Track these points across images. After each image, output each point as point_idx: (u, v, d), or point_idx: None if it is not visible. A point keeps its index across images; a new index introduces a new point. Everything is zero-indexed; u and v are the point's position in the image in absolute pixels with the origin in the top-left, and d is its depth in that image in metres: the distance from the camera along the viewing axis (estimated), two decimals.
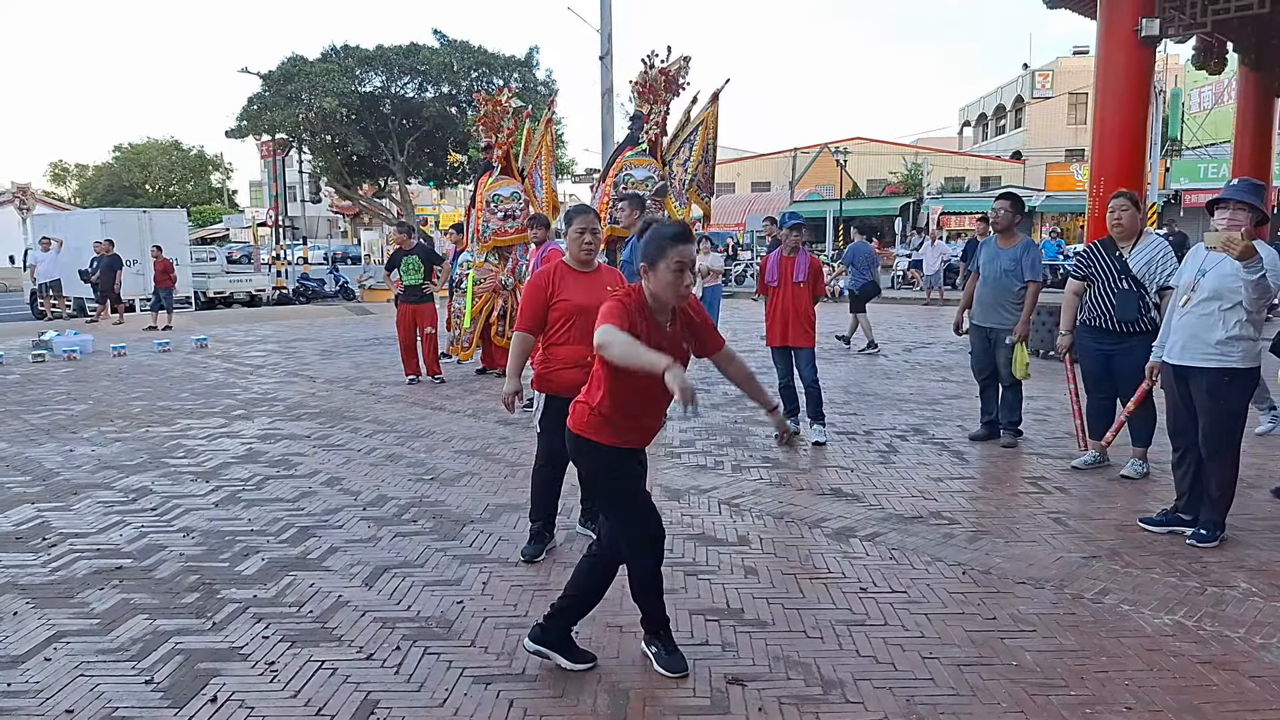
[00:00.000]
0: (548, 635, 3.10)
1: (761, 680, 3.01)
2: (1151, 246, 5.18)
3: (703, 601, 3.63)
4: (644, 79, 8.51)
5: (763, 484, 5.33)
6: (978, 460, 5.89)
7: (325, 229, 54.89)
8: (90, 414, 7.78)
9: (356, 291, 22.38)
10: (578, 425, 2.98)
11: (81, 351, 11.70)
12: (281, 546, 4.33)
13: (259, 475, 5.65)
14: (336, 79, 26.19)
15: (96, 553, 4.27)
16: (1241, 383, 4.10)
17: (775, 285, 6.39)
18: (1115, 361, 5.22)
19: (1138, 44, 9.28)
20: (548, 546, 4.20)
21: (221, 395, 8.64)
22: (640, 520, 3.00)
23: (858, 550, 4.20)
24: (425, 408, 7.86)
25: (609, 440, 2.93)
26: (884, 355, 11.02)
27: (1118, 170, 9.37)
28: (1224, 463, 4.14)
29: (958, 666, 3.08)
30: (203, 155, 63.17)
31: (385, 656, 3.20)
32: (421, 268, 9.14)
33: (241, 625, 3.46)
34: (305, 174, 31.66)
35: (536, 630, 3.12)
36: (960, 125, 52.80)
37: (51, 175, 64.34)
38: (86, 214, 22.82)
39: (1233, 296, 4.00)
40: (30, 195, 24.22)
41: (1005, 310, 6.03)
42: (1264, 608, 3.51)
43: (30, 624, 3.49)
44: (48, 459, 6.15)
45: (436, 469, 5.75)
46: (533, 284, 3.97)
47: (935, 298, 19.10)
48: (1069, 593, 3.67)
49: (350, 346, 12.56)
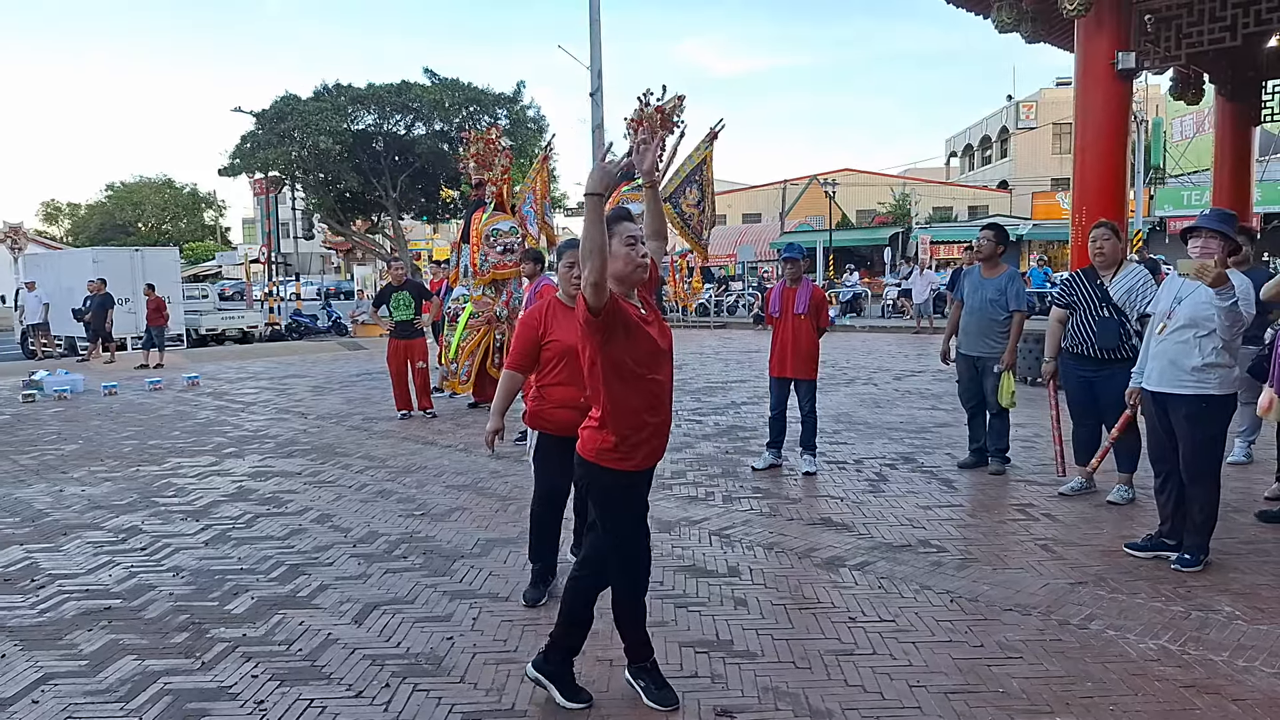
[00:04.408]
0: (549, 665, 3.12)
1: (751, 711, 3.02)
2: (1132, 275, 5.27)
3: (692, 634, 3.64)
4: (640, 116, 8.67)
5: (753, 515, 5.35)
6: (966, 488, 5.93)
7: (318, 265, 55.10)
8: (80, 454, 7.77)
9: (349, 327, 22.41)
10: (587, 451, 2.97)
11: (72, 391, 11.69)
12: (271, 585, 4.33)
13: (249, 513, 5.64)
14: (329, 117, 26.45)
15: (85, 593, 4.25)
16: (1219, 409, 4.17)
17: (777, 316, 6.45)
18: (1097, 388, 5.29)
19: (1115, 76, 9.48)
20: (549, 588, 4.10)
21: (212, 433, 8.64)
22: (635, 544, 3.04)
23: (847, 580, 4.22)
24: (417, 443, 7.87)
25: (618, 465, 2.92)
26: (874, 384, 11.08)
27: (1099, 200, 9.51)
28: (1205, 488, 4.20)
29: (945, 695, 3.09)
30: (196, 193, 63.42)
31: (375, 694, 3.20)
32: (412, 303, 9.20)
33: (231, 664, 3.45)
34: (298, 210, 31.84)
35: (539, 658, 3.15)
36: (947, 156, 53.54)
37: (44, 214, 64.61)
38: (79, 253, 22.89)
39: (1207, 324, 4.08)
40: (22, 235, 24.22)
41: (991, 339, 6.11)
42: (1248, 631, 3.54)
43: (18, 666, 3.48)
44: (37, 499, 6.14)
45: (427, 504, 5.76)
46: (524, 322, 3.96)
47: (925, 326, 19.25)
48: (1055, 619, 3.70)
49: (342, 382, 12.57)
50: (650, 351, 2.88)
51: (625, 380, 2.86)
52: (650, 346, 2.88)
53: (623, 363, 2.84)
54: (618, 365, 2.85)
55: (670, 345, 2.99)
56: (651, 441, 2.96)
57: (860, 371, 12.35)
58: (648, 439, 2.94)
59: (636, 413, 2.89)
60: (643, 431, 2.92)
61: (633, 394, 2.88)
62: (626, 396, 2.87)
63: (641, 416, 2.90)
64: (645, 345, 2.86)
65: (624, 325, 2.80)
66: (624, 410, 2.88)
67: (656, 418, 2.95)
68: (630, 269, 2.85)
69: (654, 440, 2.97)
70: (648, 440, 2.94)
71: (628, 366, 2.85)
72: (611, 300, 2.74)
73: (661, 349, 2.93)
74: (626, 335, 2.82)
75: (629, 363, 2.84)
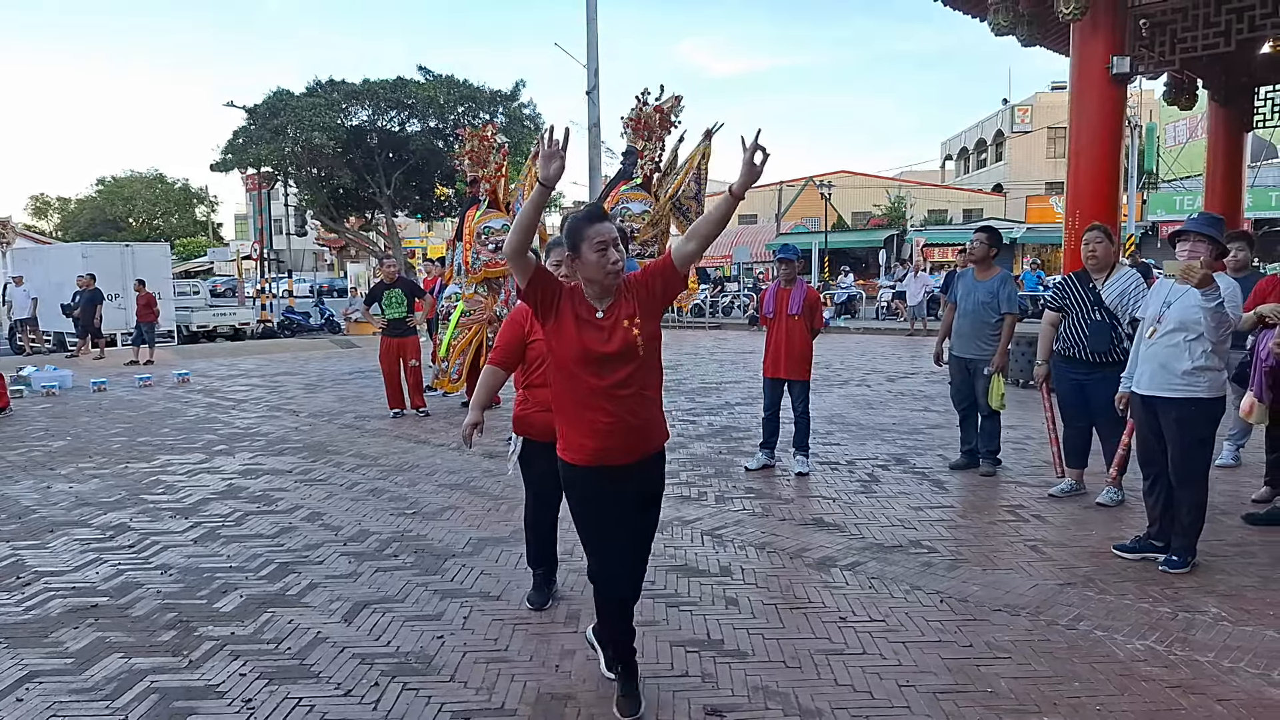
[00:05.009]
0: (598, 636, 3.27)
1: (740, 710, 3.02)
2: (1124, 279, 5.29)
3: (683, 633, 3.64)
4: (639, 116, 8.68)
5: (745, 515, 5.35)
6: (957, 489, 5.94)
7: (311, 262, 54.85)
8: (68, 450, 7.72)
9: (342, 324, 22.37)
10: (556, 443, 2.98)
11: (60, 387, 11.61)
12: (260, 583, 4.31)
13: (239, 511, 5.62)
14: (323, 113, 26.34)
15: (72, 591, 4.22)
16: (1208, 412, 4.18)
17: (772, 317, 6.45)
18: (1088, 391, 5.31)
19: (1109, 81, 9.52)
20: (554, 590, 4.07)
21: (203, 430, 8.60)
22: (595, 555, 2.97)
23: (838, 580, 4.22)
24: (409, 441, 7.85)
25: (565, 455, 2.90)
26: (868, 385, 11.11)
27: (1092, 203, 9.55)
28: (1193, 490, 4.21)
29: (934, 694, 3.10)
30: (187, 188, 63.02)
31: (364, 693, 3.19)
32: (405, 301, 9.18)
33: (218, 663, 3.43)
34: (291, 207, 31.71)
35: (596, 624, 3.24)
36: (942, 159, 53.65)
37: (33, 209, 64.05)
38: (68, 248, 22.77)
39: (1197, 328, 4.09)
40: (11, 229, 24.16)
41: (983, 341, 6.12)
42: (1233, 632, 3.56)
43: (3, 664, 3.46)
44: (24, 496, 6.10)
45: (419, 503, 5.74)
46: (512, 319, 3.92)
47: (919, 328, 19.31)
48: (1044, 619, 3.71)
49: (335, 380, 12.53)
50: (580, 352, 2.78)
51: (560, 372, 2.87)
52: (577, 349, 2.78)
53: (555, 353, 2.85)
54: (554, 354, 2.86)
55: (619, 351, 2.77)
56: (591, 442, 2.83)
57: (854, 373, 12.38)
58: (588, 437, 2.83)
59: (574, 407, 2.85)
60: (580, 427, 2.84)
61: (567, 388, 2.86)
62: (562, 389, 2.88)
63: (580, 412, 2.83)
64: (573, 344, 2.78)
65: (548, 310, 2.80)
66: (562, 402, 2.89)
67: (595, 418, 2.80)
68: (600, 275, 2.78)
69: (594, 442, 2.82)
70: (589, 438, 2.83)
71: (560, 358, 2.84)
72: (533, 280, 2.77)
73: (598, 353, 2.77)
74: (556, 327, 2.81)
75: (560, 355, 2.83)
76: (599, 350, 2.78)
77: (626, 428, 2.83)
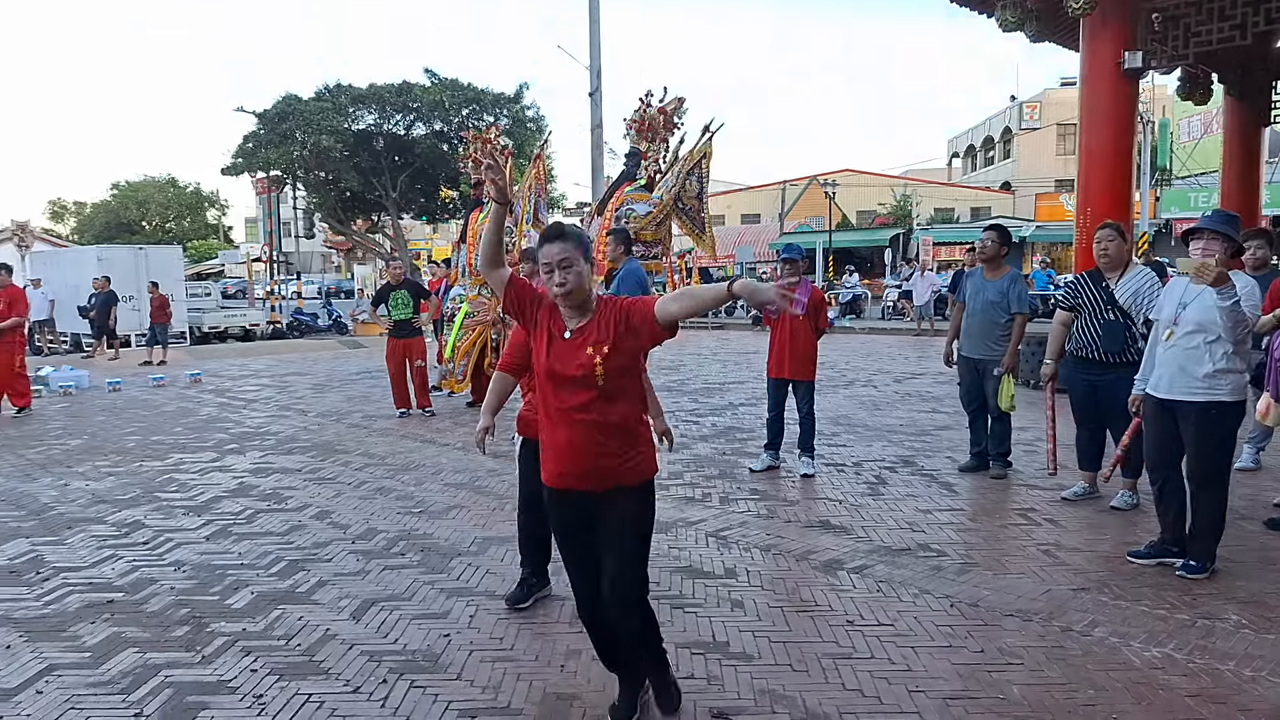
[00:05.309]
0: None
1: (747, 714, 3.01)
2: (1138, 278, 5.20)
3: (689, 635, 3.63)
4: (642, 117, 8.67)
5: (750, 516, 5.34)
6: (967, 492, 5.90)
7: (319, 264, 55.13)
8: (85, 449, 7.78)
9: (350, 325, 22.43)
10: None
11: (77, 387, 11.73)
12: (271, 580, 4.33)
13: (250, 509, 5.64)
14: (330, 117, 26.47)
15: (89, 586, 4.27)
16: (1230, 415, 4.10)
17: (775, 317, 6.42)
18: (1100, 392, 5.25)
19: (1121, 76, 9.42)
20: (538, 594, 4.03)
21: (214, 429, 8.64)
22: (571, 573, 2.93)
23: (845, 583, 4.20)
24: (415, 440, 7.87)
25: (543, 474, 2.85)
26: (874, 386, 11.06)
27: (1104, 201, 9.47)
28: (1213, 494, 4.14)
29: (944, 700, 3.08)
30: (199, 192, 63.56)
31: (372, 690, 3.20)
32: (411, 302, 9.21)
33: (230, 658, 3.46)
34: (299, 210, 31.89)
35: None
36: (949, 156, 53.39)
37: (50, 213, 64.72)
38: (84, 251, 22.96)
39: (1215, 329, 4.01)
40: (29, 232, 24.37)
41: (992, 342, 6.08)
42: (1255, 640, 3.50)
43: (23, 657, 3.50)
44: (43, 493, 6.15)
45: (425, 502, 5.76)
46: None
47: (925, 328, 19.22)
48: (1057, 625, 3.67)
49: (343, 380, 12.58)
50: (545, 369, 2.73)
51: (537, 383, 2.85)
52: (544, 365, 2.73)
53: (534, 363, 2.83)
54: (534, 364, 2.84)
55: (578, 376, 2.67)
56: (551, 463, 2.77)
57: (859, 373, 12.32)
58: (549, 457, 2.78)
59: (544, 421, 2.80)
60: (546, 445, 2.80)
61: (540, 401, 2.82)
62: (539, 401, 2.85)
63: (548, 428, 2.78)
64: (541, 359, 2.75)
65: (526, 320, 2.81)
66: (540, 414, 2.84)
67: (555, 437, 2.74)
68: (551, 295, 2.73)
69: (553, 463, 2.76)
70: (550, 459, 2.78)
71: (535, 370, 2.82)
72: (507, 292, 2.78)
73: (559, 373, 2.69)
74: (535, 338, 2.80)
75: (534, 367, 2.82)
76: (559, 370, 2.71)
77: (582, 453, 2.70)
